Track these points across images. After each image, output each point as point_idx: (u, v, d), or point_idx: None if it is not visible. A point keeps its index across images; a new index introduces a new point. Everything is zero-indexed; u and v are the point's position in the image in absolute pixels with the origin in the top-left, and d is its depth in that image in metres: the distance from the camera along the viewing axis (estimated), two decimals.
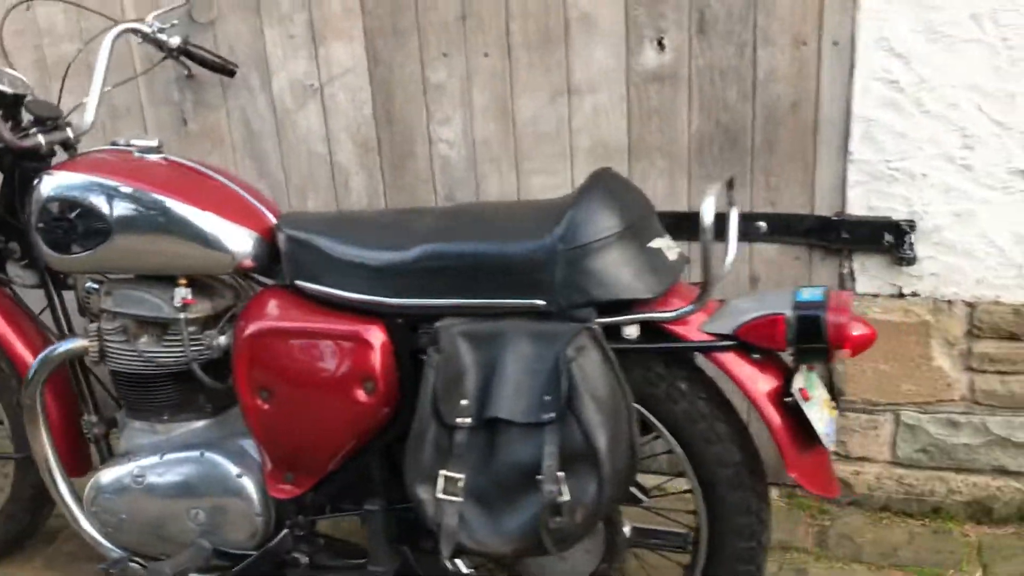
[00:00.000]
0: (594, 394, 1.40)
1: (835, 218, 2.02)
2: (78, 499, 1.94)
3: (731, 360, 1.50)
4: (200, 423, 1.86)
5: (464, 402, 1.47)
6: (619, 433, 1.43)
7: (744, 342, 1.48)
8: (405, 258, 1.57)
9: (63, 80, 2.04)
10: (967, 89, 1.86)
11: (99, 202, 1.74)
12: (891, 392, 2.10)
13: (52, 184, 1.78)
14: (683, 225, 2.09)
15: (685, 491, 1.64)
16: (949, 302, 2.00)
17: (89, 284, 1.89)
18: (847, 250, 2.04)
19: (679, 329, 1.51)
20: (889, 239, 1.98)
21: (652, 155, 2.10)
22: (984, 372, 2.03)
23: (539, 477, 1.40)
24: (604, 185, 1.54)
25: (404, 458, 1.51)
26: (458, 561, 1.69)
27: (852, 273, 2.05)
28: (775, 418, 1.49)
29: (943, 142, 1.91)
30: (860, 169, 1.97)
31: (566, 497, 1.40)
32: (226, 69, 2.22)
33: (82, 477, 2.02)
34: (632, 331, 1.50)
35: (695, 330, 1.51)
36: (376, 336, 1.59)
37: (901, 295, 2.04)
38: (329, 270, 1.65)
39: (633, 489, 1.65)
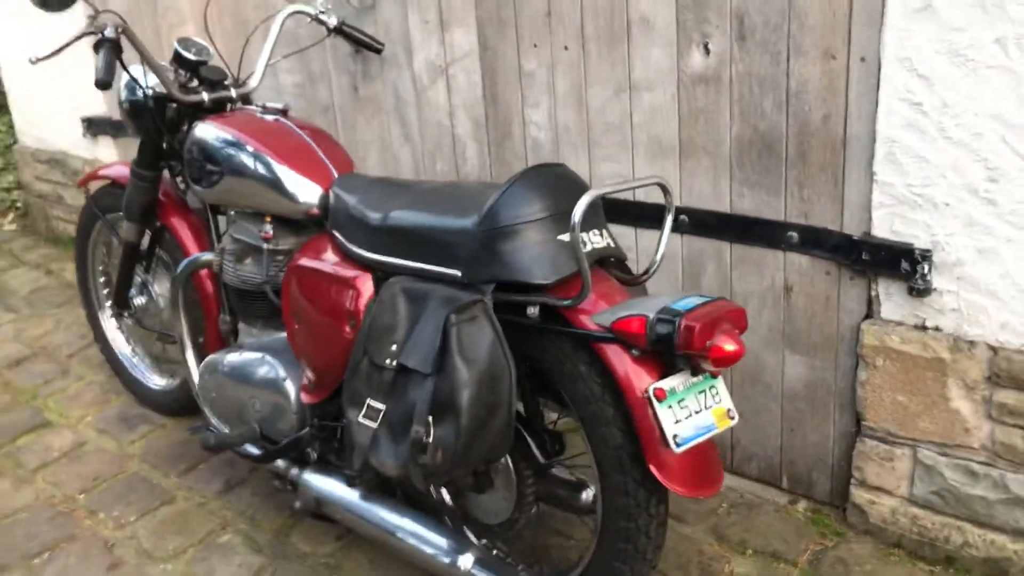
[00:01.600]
0: (467, 356, 1.63)
1: (857, 238, 1.97)
2: None
3: (612, 352, 1.64)
4: (279, 334, 2.33)
5: (393, 347, 1.77)
6: (492, 395, 1.65)
7: (619, 337, 1.61)
8: (381, 220, 1.89)
9: (243, 51, 2.58)
10: (991, 118, 1.73)
11: (218, 149, 2.25)
12: (909, 426, 2.01)
13: (196, 132, 2.32)
14: (728, 226, 2.17)
15: (586, 466, 1.80)
16: (971, 343, 1.88)
17: (230, 211, 2.43)
18: (871, 273, 1.98)
19: (574, 316, 1.67)
20: (906, 267, 1.90)
21: (699, 155, 2.18)
22: (1004, 424, 1.89)
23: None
24: (533, 178, 1.72)
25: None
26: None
27: (878, 297, 1.99)
28: (637, 412, 1.61)
29: (966, 172, 1.79)
30: (884, 191, 1.91)
31: (429, 439, 1.65)
32: (373, 47, 2.65)
33: None
34: (533, 310, 1.70)
35: (587, 319, 1.66)
36: (364, 285, 1.94)
37: (923, 328, 1.94)
38: (348, 224, 2.01)
39: (535, 452, 1.84)
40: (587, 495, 1.88)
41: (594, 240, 1.72)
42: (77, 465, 2.80)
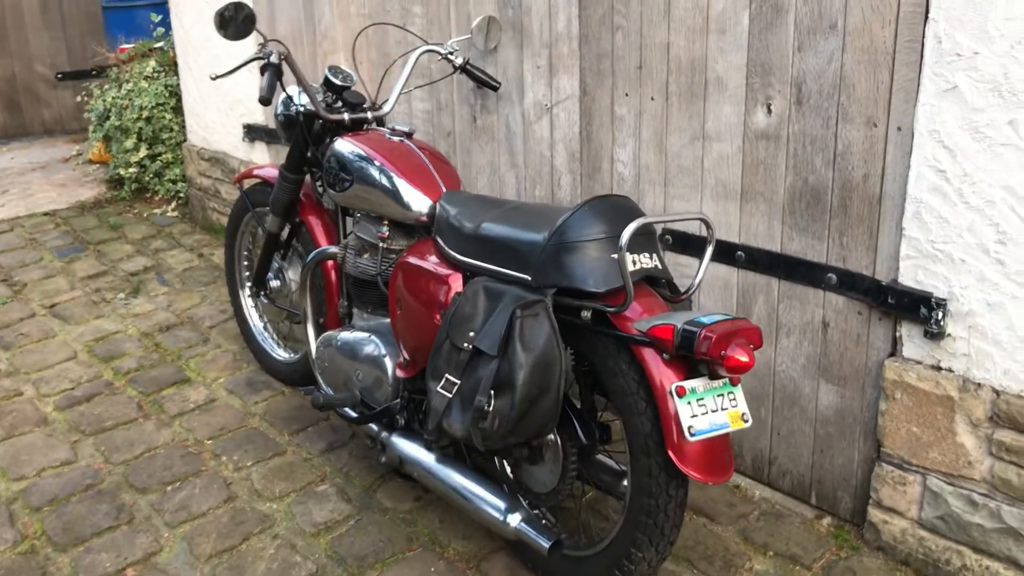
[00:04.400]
0: (527, 344, 2.00)
1: (886, 284, 2.24)
2: None
3: (647, 353, 1.98)
4: (385, 319, 2.75)
5: (471, 334, 2.15)
6: (544, 378, 2.00)
7: (653, 341, 1.94)
8: (472, 230, 2.28)
9: (381, 79, 3.03)
10: (1003, 188, 1.99)
11: (351, 161, 2.70)
12: (920, 455, 2.26)
13: (335, 146, 2.78)
14: (778, 264, 2.47)
15: (620, 451, 2.12)
16: (978, 384, 2.12)
17: (356, 213, 2.88)
18: (896, 315, 2.25)
19: (619, 321, 2.02)
20: (924, 312, 2.16)
21: (757, 199, 2.49)
22: (1002, 460, 2.12)
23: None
24: (597, 205, 2.08)
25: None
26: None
27: (902, 337, 2.25)
28: (661, 405, 1.94)
29: (980, 233, 2.05)
30: (911, 244, 2.17)
31: (490, 408, 2.02)
32: (491, 85, 3.07)
33: None
34: (586, 314, 2.05)
35: (630, 325, 2.00)
36: (455, 282, 2.33)
37: (938, 367, 2.19)
38: (448, 231, 2.42)
39: (580, 433, 2.18)
40: (617, 478, 2.21)
41: (643, 261, 2.07)
42: (208, 416, 3.29)
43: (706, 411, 1.93)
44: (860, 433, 2.41)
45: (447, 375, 2.17)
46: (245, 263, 3.66)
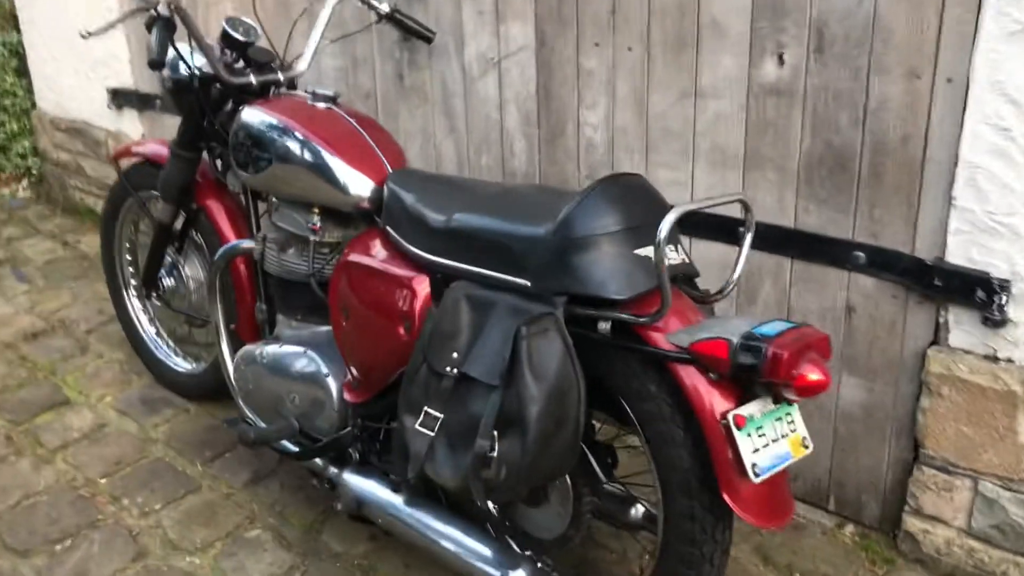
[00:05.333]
0: (537, 371, 1.57)
1: (930, 263, 1.92)
2: None
3: (688, 373, 1.58)
4: (321, 328, 2.26)
5: (454, 355, 1.71)
6: (560, 411, 1.59)
7: (697, 358, 1.55)
8: (444, 222, 1.82)
9: (290, 33, 2.50)
10: None
11: (267, 136, 2.18)
12: (971, 457, 1.97)
13: (243, 116, 2.25)
14: (791, 241, 2.11)
15: (648, 485, 1.74)
16: None
17: (273, 198, 2.36)
18: (942, 299, 1.93)
19: (649, 334, 1.61)
20: (981, 295, 1.85)
21: (764, 167, 2.12)
22: None
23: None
24: (610, 188, 1.66)
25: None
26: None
27: (947, 324, 1.94)
28: (712, 438, 1.55)
29: None
30: (963, 217, 1.85)
31: (494, 453, 1.60)
32: (424, 36, 2.57)
33: None
34: (605, 325, 1.64)
35: (662, 338, 1.60)
36: (420, 286, 1.87)
37: (995, 358, 1.90)
38: (405, 222, 1.95)
39: (596, 468, 1.79)
40: (637, 511, 1.84)
41: (670, 256, 1.66)
42: (98, 447, 2.74)
43: (767, 442, 1.56)
44: (892, 432, 2.11)
45: (426, 408, 1.73)
46: (128, 258, 3.07)
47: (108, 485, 2.57)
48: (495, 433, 1.60)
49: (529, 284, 1.67)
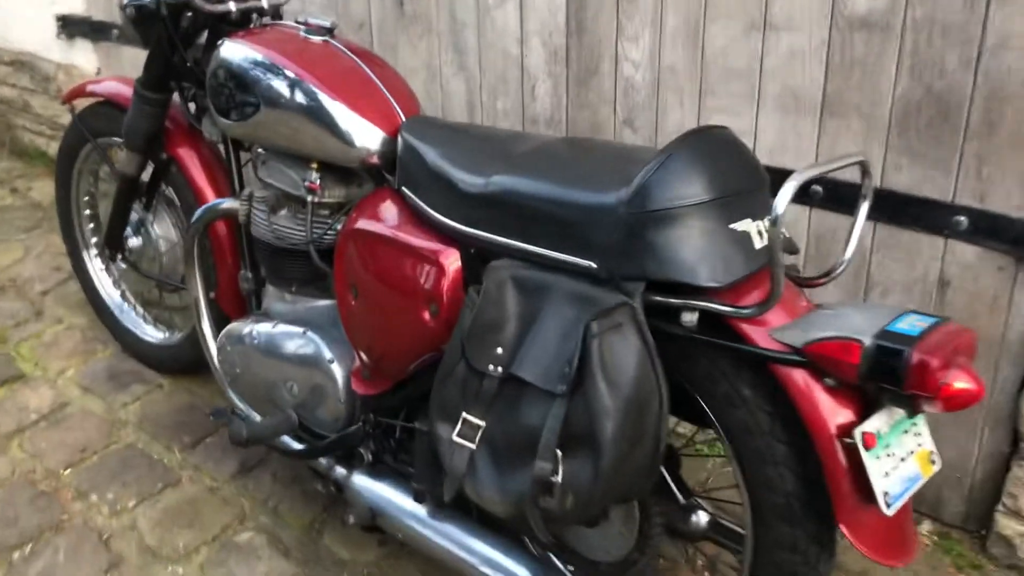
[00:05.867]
0: (612, 377, 1.26)
1: None
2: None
3: (799, 378, 1.28)
4: (321, 302, 1.93)
5: (499, 351, 1.39)
6: (638, 425, 1.29)
7: (814, 362, 1.25)
8: (481, 186, 1.49)
9: None
10: None
11: (253, 76, 1.81)
12: None
13: (224, 51, 1.87)
14: (875, 202, 1.79)
15: (735, 503, 1.46)
16: None
17: (259, 149, 1.99)
18: None
19: (746, 328, 1.31)
20: None
21: (848, 114, 1.80)
22: None
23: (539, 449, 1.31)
24: (698, 146, 1.33)
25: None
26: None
27: None
28: (830, 457, 1.26)
29: None
30: None
31: (558, 478, 1.29)
32: None
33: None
34: (691, 317, 1.33)
35: (765, 333, 1.29)
36: (449, 262, 1.54)
37: None
38: (426, 183, 1.61)
39: (672, 486, 1.50)
40: (698, 519, 1.56)
41: (768, 229, 1.35)
42: (59, 431, 2.40)
43: (895, 463, 1.27)
44: (985, 421, 1.84)
45: (465, 414, 1.42)
46: (88, 212, 2.69)
47: (73, 477, 2.24)
48: (558, 453, 1.29)
49: (595, 266, 1.35)
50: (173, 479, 2.23)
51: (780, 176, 1.24)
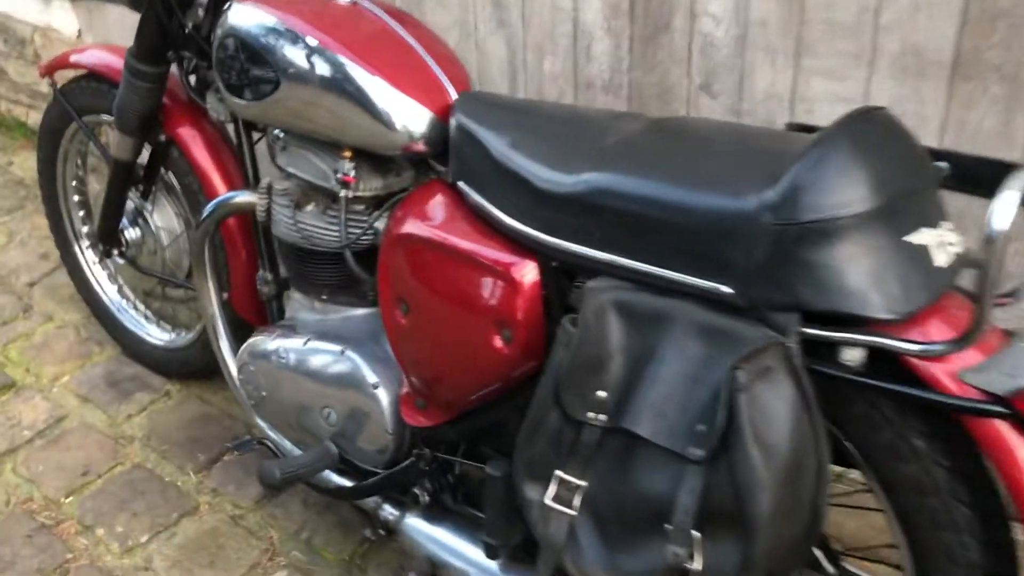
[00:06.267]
0: (766, 440, 0.99)
1: None
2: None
3: (1000, 432, 1.01)
4: (358, 311, 1.64)
5: (601, 394, 1.11)
6: (795, 495, 1.02)
7: (1020, 413, 0.98)
8: (570, 185, 1.19)
9: None
10: None
11: (270, 46, 1.50)
12: None
13: (233, 17, 1.56)
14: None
15: (895, 565, 1.20)
16: None
17: (277, 131, 1.69)
18: None
19: (926, 367, 1.03)
20: None
21: (986, 77, 1.50)
22: None
23: (668, 527, 1.04)
24: (862, 135, 1.05)
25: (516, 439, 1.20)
26: None
27: None
28: None
29: None
30: None
31: (697, 566, 1.02)
32: None
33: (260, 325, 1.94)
34: (855, 355, 1.05)
35: (950, 374, 1.02)
36: (525, 277, 1.26)
37: None
38: (492, 177, 1.31)
39: (819, 555, 1.24)
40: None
41: (948, 241, 1.06)
42: (57, 450, 2.13)
43: None
44: None
45: (560, 473, 1.15)
46: (76, 199, 2.38)
47: (76, 507, 1.98)
48: (695, 534, 1.02)
49: (732, 291, 1.06)
50: (189, 507, 1.96)
51: None
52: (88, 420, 2.22)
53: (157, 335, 2.32)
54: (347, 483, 1.61)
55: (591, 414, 1.12)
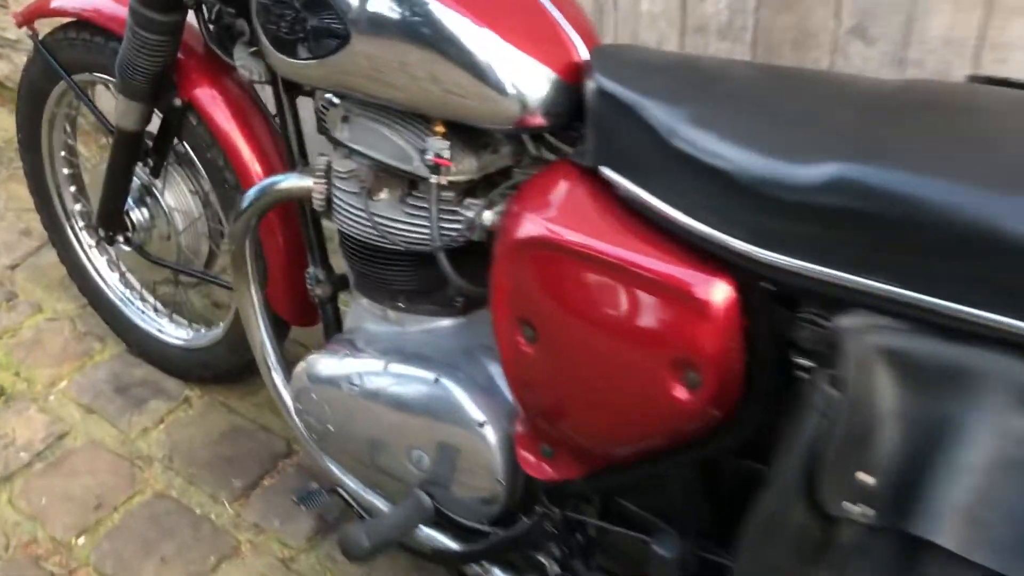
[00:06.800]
0: None
1: None
2: (287, 372, 1.51)
3: None
4: (444, 322, 1.31)
5: (865, 480, 0.79)
6: None
7: None
8: (802, 178, 0.85)
9: None
10: None
11: None
12: None
13: None
14: None
15: None
16: None
17: (330, 95, 1.32)
18: None
19: None
20: None
21: None
22: None
23: None
24: None
25: (739, 538, 0.88)
26: None
27: None
28: None
29: None
30: None
31: None
32: None
33: (309, 327, 1.61)
34: None
35: None
36: (719, 297, 0.92)
37: None
38: (658, 164, 0.97)
39: None
40: None
41: None
42: (62, 476, 1.80)
43: None
44: None
45: None
46: (67, 171, 2.00)
47: (90, 549, 1.66)
48: None
49: None
50: (229, 548, 1.64)
51: None
52: (95, 436, 1.88)
53: (171, 332, 1.97)
54: (453, 544, 1.29)
55: (847, 503, 0.80)
